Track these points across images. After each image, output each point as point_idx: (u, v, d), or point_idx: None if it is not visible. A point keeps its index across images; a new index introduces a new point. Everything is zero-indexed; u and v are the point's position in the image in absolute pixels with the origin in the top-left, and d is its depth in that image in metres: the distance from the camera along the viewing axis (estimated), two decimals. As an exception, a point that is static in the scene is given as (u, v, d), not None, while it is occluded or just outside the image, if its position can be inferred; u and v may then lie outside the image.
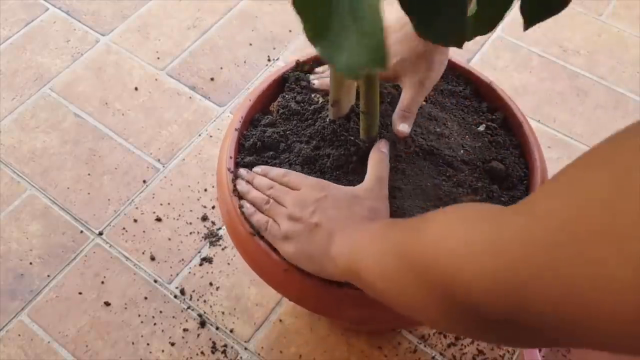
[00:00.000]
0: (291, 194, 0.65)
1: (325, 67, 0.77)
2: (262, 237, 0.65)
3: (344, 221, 0.61)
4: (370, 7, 0.37)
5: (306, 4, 0.38)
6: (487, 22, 0.49)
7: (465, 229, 0.40)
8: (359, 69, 0.38)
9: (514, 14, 0.51)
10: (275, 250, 0.64)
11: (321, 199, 0.62)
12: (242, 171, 0.70)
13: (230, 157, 0.69)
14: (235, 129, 0.71)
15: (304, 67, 0.79)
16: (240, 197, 0.68)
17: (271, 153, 0.72)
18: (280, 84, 0.78)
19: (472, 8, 0.49)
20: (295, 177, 0.66)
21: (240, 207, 0.67)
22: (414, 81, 0.69)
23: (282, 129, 0.73)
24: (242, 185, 0.68)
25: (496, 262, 0.35)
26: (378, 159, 0.66)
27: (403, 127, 0.68)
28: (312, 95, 0.76)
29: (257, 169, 0.70)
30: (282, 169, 0.68)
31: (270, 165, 0.71)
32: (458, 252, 0.39)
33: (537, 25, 0.52)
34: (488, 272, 0.36)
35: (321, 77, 0.76)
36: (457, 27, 0.45)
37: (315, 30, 0.39)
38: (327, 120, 0.70)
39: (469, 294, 0.37)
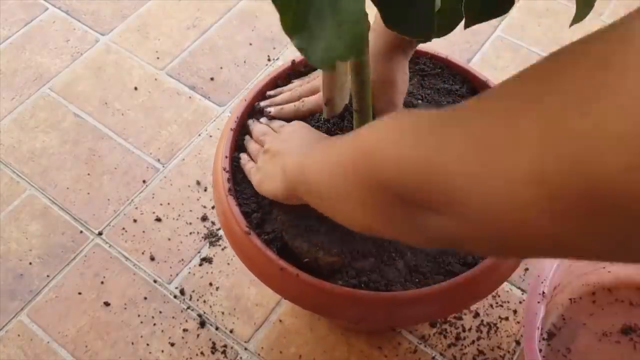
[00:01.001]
0: (271, 135, 0.68)
1: (279, 90, 0.77)
2: (258, 236, 0.65)
3: (304, 144, 0.61)
4: (354, 1, 0.38)
5: None
6: (449, 23, 0.50)
7: (394, 124, 0.41)
8: (334, 58, 0.39)
9: (514, 14, 0.51)
10: (270, 248, 0.64)
11: (290, 131, 0.65)
12: (249, 121, 0.73)
13: (226, 157, 0.69)
14: (231, 129, 0.71)
15: (300, 67, 0.79)
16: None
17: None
18: (276, 84, 0.78)
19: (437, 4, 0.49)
20: (289, 127, 0.68)
21: (239, 159, 0.70)
22: (386, 101, 0.69)
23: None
24: (245, 140, 0.72)
25: (416, 145, 0.36)
26: None
27: None
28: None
29: (263, 119, 0.73)
30: (282, 122, 0.71)
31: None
32: (384, 138, 0.40)
33: (537, 24, 0.52)
34: (406, 153, 0.37)
35: (274, 103, 0.76)
36: (425, 20, 0.45)
37: (292, 22, 0.39)
38: (322, 119, 0.70)
39: (387, 172, 0.39)
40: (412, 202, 0.37)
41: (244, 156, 0.71)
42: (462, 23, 0.51)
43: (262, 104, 0.76)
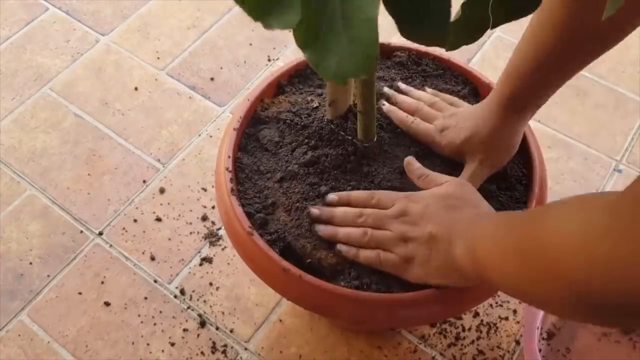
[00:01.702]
0: (388, 215, 0.62)
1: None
2: (261, 236, 0.65)
3: (454, 222, 0.59)
4: (366, 21, 0.38)
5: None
6: (474, 28, 0.50)
7: (580, 218, 0.40)
8: (347, 75, 0.39)
9: (513, 14, 0.51)
10: (273, 249, 0.64)
11: (424, 208, 0.61)
12: (315, 211, 0.65)
13: (229, 157, 0.69)
14: (234, 129, 0.71)
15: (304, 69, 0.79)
16: (330, 242, 0.64)
17: (269, 153, 0.72)
18: (279, 84, 0.78)
19: (457, 13, 0.50)
20: (383, 195, 0.64)
21: (339, 252, 0.63)
22: (474, 160, 0.69)
23: (281, 128, 0.73)
24: (323, 229, 0.64)
25: (610, 248, 0.36)
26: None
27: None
28: (309, 97, 0.76)
29: (333, 196, 0.65)
30: (364, 192, 0.65)
31: (268, 166, 0.71)
32: (574, 241, 0.39)
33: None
34: (601, 259, 0.36)
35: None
36: (441, 30, 0.46)
37: (306, 36, 0.39)
38: (325, 120, 0.70)
39: (586, 282, 0.38)
40: (611, 304, 0.38)
41: (344, 247, 0.63)
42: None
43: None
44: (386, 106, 0.73)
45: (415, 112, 0.73)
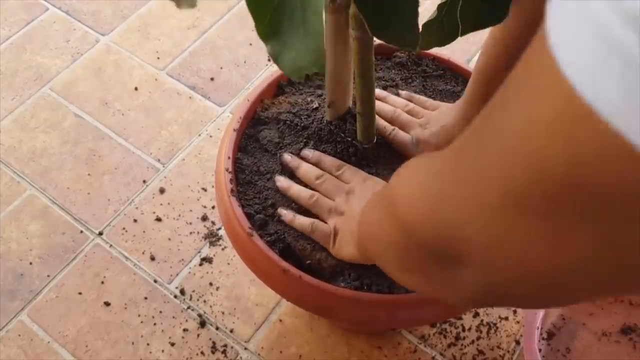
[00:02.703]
0: (341, 187, 0.64)
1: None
2: (261, 237, 0.65)
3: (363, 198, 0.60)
4: (315, 13, 0.38)
5: (260, 4, 0.39)
6: (448, 32, 0.50)
7: (410, 179, 0.41)
8: (302, 70, 0.40)
9: (512, 15, 0.51)
10: (273, 250, 0.64)
11: (363, 184, 0.62)
12: (287, 156, 0.68)
13: (229, 157, 0.69)
14: (234, 129, 0.71)
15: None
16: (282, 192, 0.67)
17: (269, 154, 0.72)
18: (279, 85, 0.78)
19: (433, 14, 0.50)
20: (351, 171, 0.65)
21: (279, 214, 0.65)
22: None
23: (280, 129, 0.73)
24: (281, 180, 0.67)
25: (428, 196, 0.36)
26: None
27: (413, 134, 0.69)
28: (309, 98, 0.76)
29: (308, 152, 0.68)
30: (337, 160, 0.67)
31: (268, 166, 0.71)
32: (409, 190, 0.40)
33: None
34: (420, 209, 0.37)
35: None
36: (410, 31, 0.46)
37: (267, 28, 0.40)
38: (324, 121, 0.70)
39: (412, 224, 0.38)
40: (440, 257, 0.37)
41: (284, 211, 0.65)
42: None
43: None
44: None
45: (392, 120, 0.74)
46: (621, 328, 0.85)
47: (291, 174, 0.69)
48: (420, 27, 0.48)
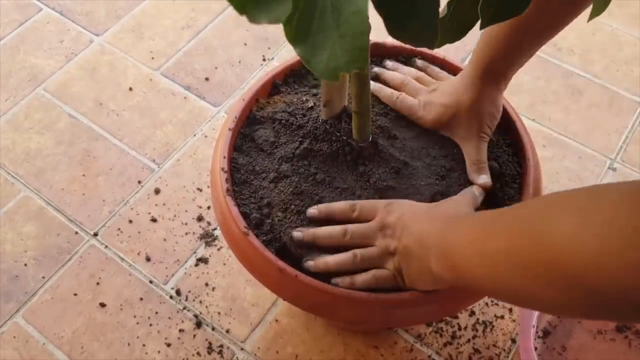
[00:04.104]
0: (373, 229, 0.62)
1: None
2: (257, 236, 0.65)
3: (427, 228, 0.59)
4: (355, 13, 0.38)
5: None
6: (461, 27, 0.50)
7: (577, 219, 0.41)
8: (338, 70, 0.39)
9: (507, 13, 0.51)
10: (269, 249, 0.64)
11: (400, 217, 0.61)
12: (297, 234, 0.63)
13: (224, 157, 0.69)
14: (229, 129, 0.71)
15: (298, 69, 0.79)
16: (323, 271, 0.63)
17: (265, 153, 0.72)
18: (274, 84, 0.78)
19: (442, 11, 0.50)
20: (364, 206, 0.63)
21: (337, 285, 0.62)
22: (470, 135, 0.70)
23: (276, 128, 0.73)
24: (314, 265, 0.63)
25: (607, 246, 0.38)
26: (468, 191, 0.66)
27: (483, 180, 0.68)
28: (304, 97, 0.76)
29: (314, 210, 0.65)
30: (344, 203, 0.64)
31: (263, 166, 0.71)
32: (591, 250, 0.39)
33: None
34: (632, 266, 0.37)
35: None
36: (429, 30, 0.46)
37: (296, 31, 0.39)
38: (320, 120, 0.70)
39: (609, 287, 0.39)
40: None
41: (338, 280, 0.62)
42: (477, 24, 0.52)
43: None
44: (373, 85, 0.74)
45: (400, 87, 0.75)
46: (616, 326, 0.85)
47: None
48: None
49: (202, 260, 0.93)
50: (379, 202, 0.64)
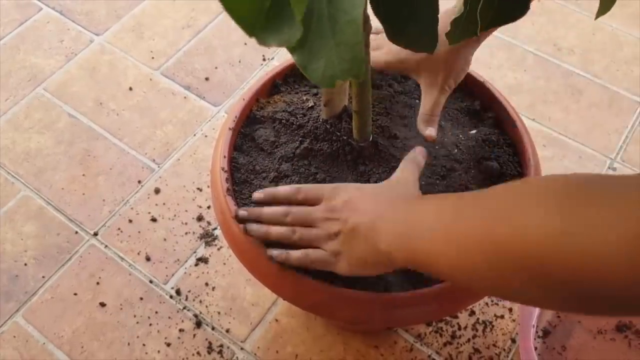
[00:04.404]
0: (316, 211, 0.61)
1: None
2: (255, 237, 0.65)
3: (379, 209, 0.57)
4: (350, 22, 0.37)
5: None
6: (474, 24, 0.50)
7: (564, 214, 0.40)
8: (335, 78, 0.39)
9: (507, 13, 0.51)
10: (268, 248, 0.64)
11: (348, 201, 0.59)
12: (242, 212, 0.64)
13: (224, 156, 0.69)
14: (230, 128, 0.71)
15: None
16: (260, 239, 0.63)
17: (265, 152, 0.72)
18: (274, 84, 0.78)
19: (458, 9, 0.50)
20: (309, 189, 0.63)
21: (270, 257, 0.62)
22: (435, 83, 0.69)
23: (276, 128, 0.73)
24: (255, 229, 0.63)
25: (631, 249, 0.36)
26: (409, 159, 0.64)
27: (430, 131, 0.68)
28: (305, 96, 0.76)
29: (259, 194, 0.65)
30: (289, 187, 0.64)
31: (263, 165, 0.70)
32: (591, 252, 0.38)
33: (532, 23, 0.53)
34: (623, 262, 0.36)
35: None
36: (427, 34, 0.46)
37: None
38: (320, 120, 0.70)
39: (612, 287, 0.38)
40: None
41: (275, 252, 0.62)
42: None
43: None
44: None
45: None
46: (616, 326, 0.85)
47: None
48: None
49: (202, 260, 0.93)
50: (325, 187, 0.63)
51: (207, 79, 1.13)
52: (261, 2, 0.36)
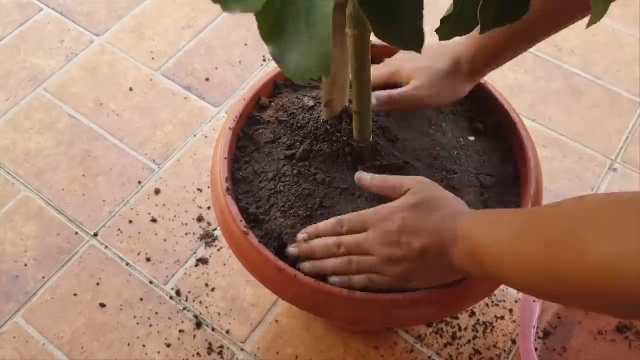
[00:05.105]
0: (370, 240, 0.61)
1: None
2: (257, 236, 0.65)
3: (438, 226, 0.59)
4: (322, 17, 0.37)
5: (264, 5, 0.38)
6: (464, 23, 0.50)
7: (620, 236, 0.42)
8: (306, 73, 0.39)
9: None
10: (268, 249, 0.64)
11: (402, 224, 0.60)
12: (292, 249, 0.64)
13: (225, 157, 0.69)
14: (230, 129, 0.71)
15: None
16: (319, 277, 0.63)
17: (265, 153, 0.72)
18: (275, 84, 0.77)
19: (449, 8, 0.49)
20: (351, 219, 0.63)
21: (335, 285, 0.62)
22: (429, 100, 0.71)
23: (276, 129, 0.73)
24: (310, 267, 0.63)
25: None
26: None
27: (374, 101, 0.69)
28: (305, 97, 0.76)
29: (303, 235, 0.65)
30: (330, 221, 0.64)
31: (263, 166, 0.70)
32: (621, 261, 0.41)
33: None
34: None
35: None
36: (414, 31, 0.46)
37: (271, 29, 0.39)
38: (320, 120, 0.70)
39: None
40: None
41: (335, 279, 0.62)
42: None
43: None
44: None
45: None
46: (617, 327, 0.85)
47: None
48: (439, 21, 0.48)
49: (202, 260, 0.93)
50: (365, 213, 0.63)
51: (207, 79, 1.13)
52: None
